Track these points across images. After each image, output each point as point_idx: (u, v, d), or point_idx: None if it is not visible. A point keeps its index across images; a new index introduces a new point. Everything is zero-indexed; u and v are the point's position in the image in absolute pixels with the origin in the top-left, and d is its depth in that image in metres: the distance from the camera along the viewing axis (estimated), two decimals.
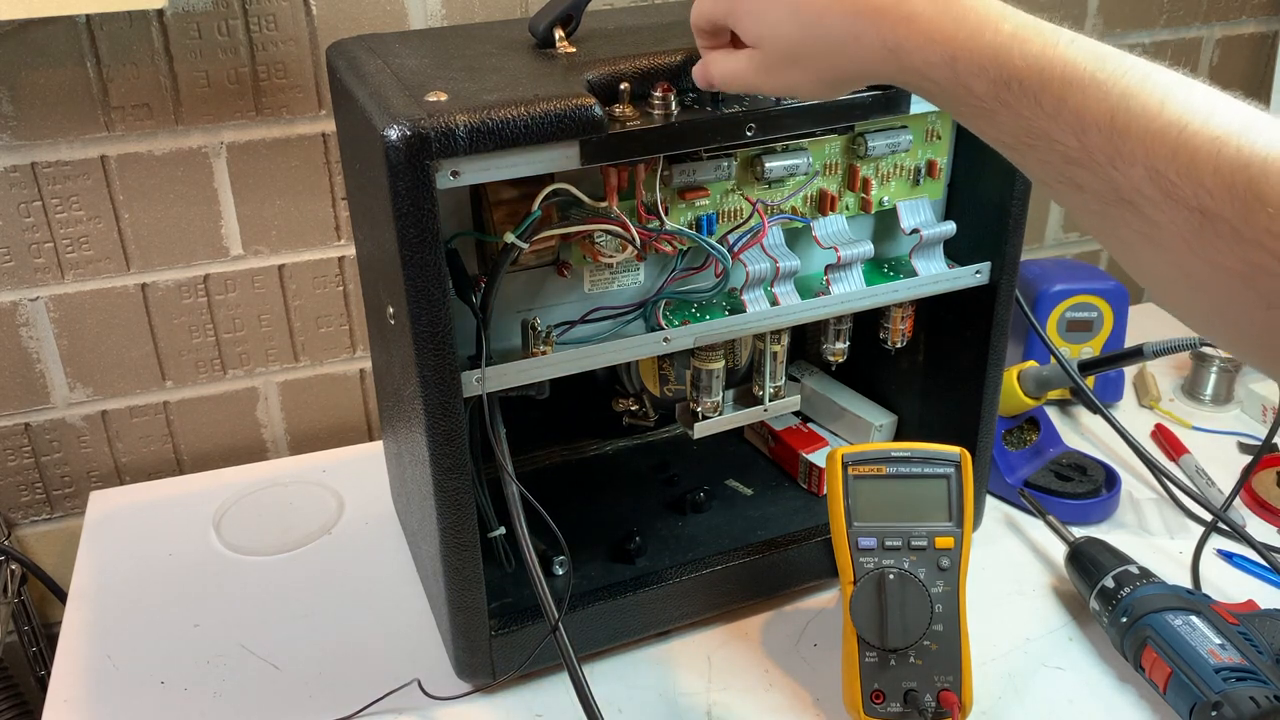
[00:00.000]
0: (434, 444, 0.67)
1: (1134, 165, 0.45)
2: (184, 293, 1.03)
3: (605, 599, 0.79)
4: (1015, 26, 0.50)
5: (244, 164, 1.00)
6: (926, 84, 0.53)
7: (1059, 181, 0.49)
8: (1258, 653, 0.73)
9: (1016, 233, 0.79)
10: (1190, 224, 0.44)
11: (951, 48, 0.51)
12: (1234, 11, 1.31)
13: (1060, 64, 0.48)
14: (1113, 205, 0.47)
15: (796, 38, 0.57)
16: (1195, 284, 0.46)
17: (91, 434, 1.06)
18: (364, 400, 1.14)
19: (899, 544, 0.75)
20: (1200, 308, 0.48)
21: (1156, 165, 0.45)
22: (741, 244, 0.74)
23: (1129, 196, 0.46)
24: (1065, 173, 0.49)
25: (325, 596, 0.89)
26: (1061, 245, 1.38)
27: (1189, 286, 0.47)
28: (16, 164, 0.93)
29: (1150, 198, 0.45)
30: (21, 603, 1.04)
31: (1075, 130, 0.47)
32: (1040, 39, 0.49)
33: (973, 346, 0.84)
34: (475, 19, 1.01)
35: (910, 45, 0.52)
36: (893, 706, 0.73)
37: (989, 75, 0.50)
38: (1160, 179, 0.45)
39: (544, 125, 0.61)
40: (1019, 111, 0.49)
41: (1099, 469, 0.99)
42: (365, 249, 0.79)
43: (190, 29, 0.93)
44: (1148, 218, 0.46)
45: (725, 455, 0.99)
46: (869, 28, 0.54)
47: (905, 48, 0.53)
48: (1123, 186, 0.46)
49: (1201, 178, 0.43)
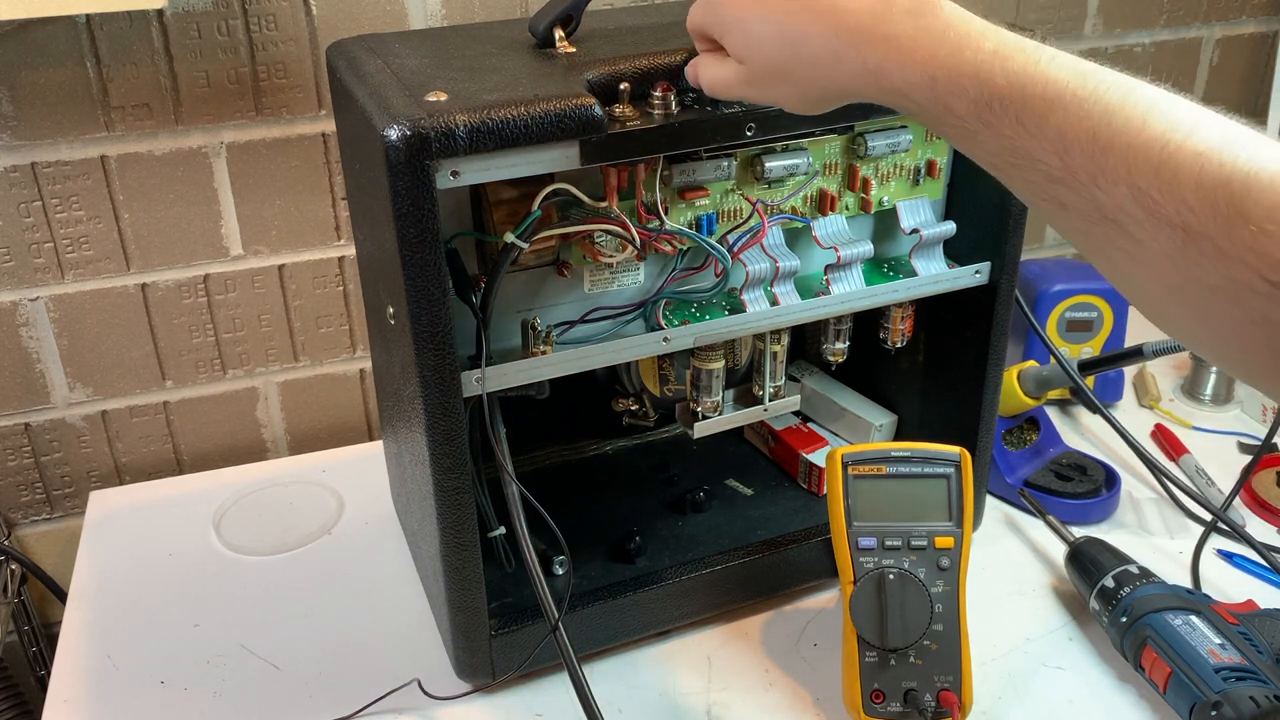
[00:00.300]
0: (434, 444, 0.67)
1: (1117, 184, 0.45)
2: (184, 293, 1.03)
3: (605, 599, 0.79)
4: (997, 45, 0.50)
5: (244, 164, 1.00)
6: (908, 104, 0.53)
7: (1044, 200, 0.49)
8: (1258, 653, 0.73)
9: (1016, 233, 0.79)
10: (1174, 242, 0.44)
11: (931, 67, 0.51)
12: (1234, 11, 1.31)
13: (1042, 82, 0.47)
14: (1097, 224, 0.47)
15: (780, 56, 0.57)
16: (1180, 301, 0.46)
17: (91, 434, 1.06)
18: (364, 400, 1.14)
19: (899, 544, 0.75)
20: (1186, 323, 0.48)
21: (1139, 183, 0.44)
22: (741, 244, 0.74)
23: (1112, 215, 0.46)
24: (1049, 191, 0.48)
25: (325, 596, 0.89)
26: (1061, 245, 1.38)
27: (1174, 303, 0.46)
28: (16, 164, 0.93)
29: (1133, 216, 0.45)
30: (21, 603, 1.04)
31: (1058, 149, 0.47)
32: (1022, 57, 0.49)
33: (973, 346, 0.84)
34: (475, 19, 1.01)
35: (890, 65, 0.52)
36: (893, 706, 0.73)
37: (970, 95, 0.49)
38: (1143, 197, 0.44)
39: (544, 125, 0.61)
40: (1001, 131, 0.49)
41: (1099, 469, 0.99)
42: (365, 249, 0.79)
43: (190, 29, 0.93)
44: (1131, 236, 0.45)
45: (725, 455, 0.99)
46: (849, 48, 0.54)
47: (885, 68, 0.52)
48: (1106, 205, 0.46)
49: (1184, 195, 0.43)
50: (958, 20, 0.51)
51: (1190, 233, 0.43)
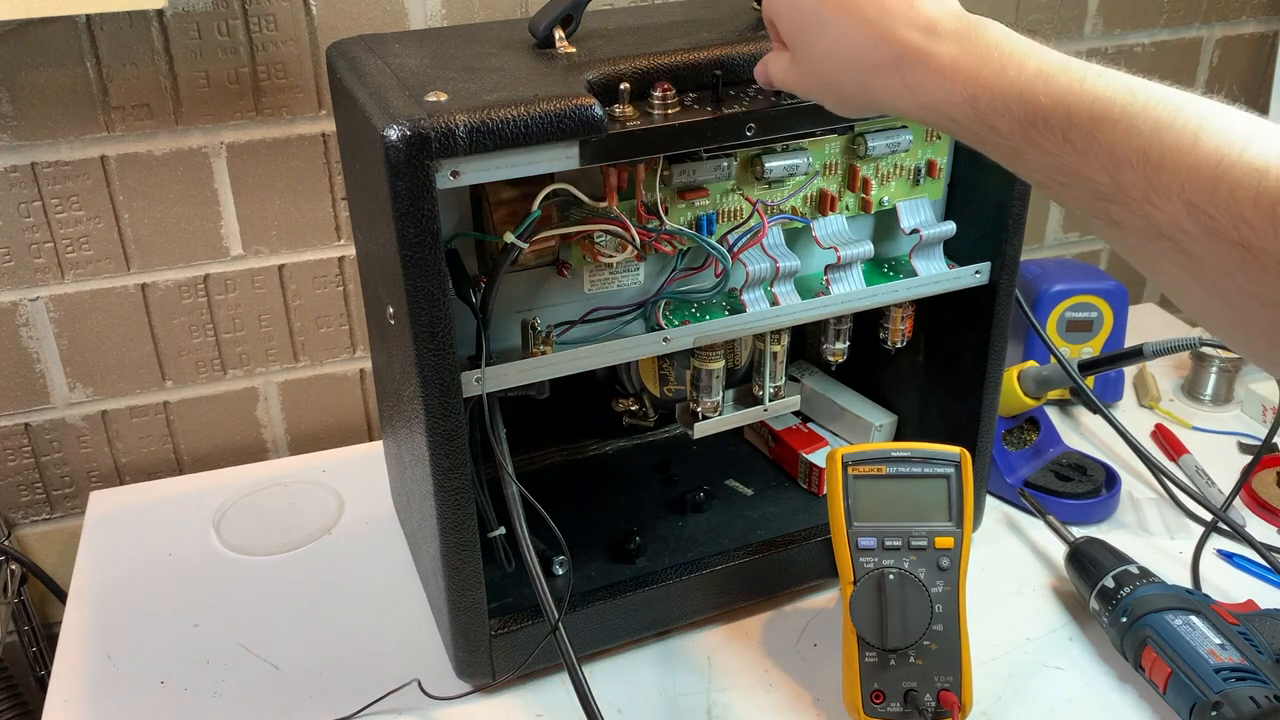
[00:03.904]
0: (434, 444, 0.67)
1: (1170, 200, 0.44)
2: (184, 293, 1.03)
3: (605, 599, 0.79)
4: (1040, 64, 0.49)
5: (244, 164, 1.00)
6: (948, 123, 0.52)
7: (1096, 217, 0.48)
8: (1258, 653, 0.73)
9: (1016, 233, 0.79)
10: (1232, 258, 0.43)
11: (972, 88, 0.50)
12: (1234, 11, 1.31)
13: (1088, 99, 0.47)
14: (1151, 240, 0.46)
15: (819, 56, 0.57)
16: (1240, 316, 0.45)
17: (91, 434, 1.06)
18: (364, 400, 1.14)
19: (899, 544, 0.75)
20: (1246, 338, 0.47)
21: (1194, 199, 0.43)
22: (741, 244, 0.74)
23: (1167, 232, 0.45)
24: (1101, 209, 0.47)
25: (325, 596, 0.89)
26: (1061, 245, 1.38)
27: (1234, 319, 0.46)
28: (16, 164, 0.93)
29: (1189, 232, 0.44)
30: (21, 603, 1.04)
31: (1107, 167, 0.46)
32: (1066, 75, 0.48)
33: (973, 346, 0.84)
34: (475, 19, 1.01)
35: (929, 84, 0.52)
36: (893, 706, 0.73)
37: (1013, 114, 0.49)
38: (1198, 213, 0.43)
39: (544, 125, 0.61)
40: (1047, 150, 0.48)
41: (1099, 469, 0.99)
42: (365, 249, 0.79)
43: (190, 29, 0.93)
44: (1188, 252, 0.45)
45: (725, 455, 0.99)
46: (888, 62, 0.53)
47: (924, 86, 0.52)
48: (1160, 222, 0.45)
49: (1242, 211, 0.42)
50: (1002, 40, 0.51)
51: (1249, 249, 0.42)
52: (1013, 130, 0.49)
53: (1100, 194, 0.47)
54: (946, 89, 0.51)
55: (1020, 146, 0.49)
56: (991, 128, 0.50)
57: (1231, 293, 0.44)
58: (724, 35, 0.72)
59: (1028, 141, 0.49)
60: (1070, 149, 0.47)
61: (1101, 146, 0.46)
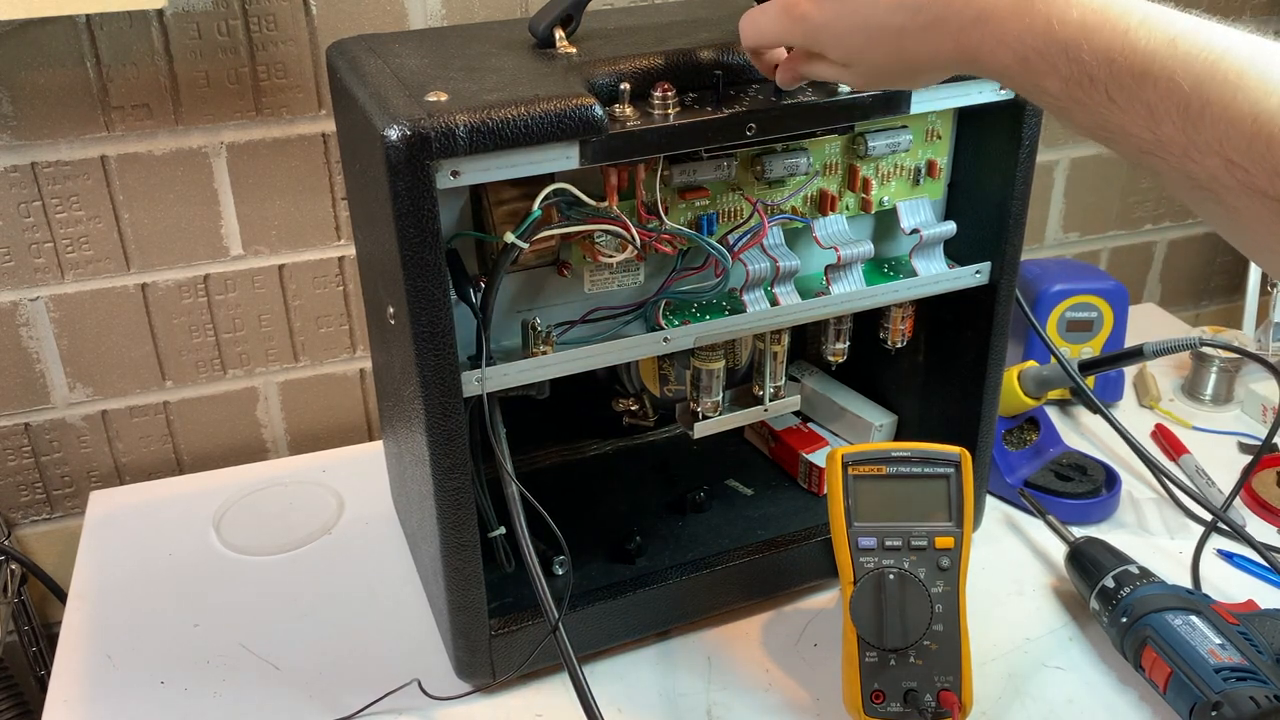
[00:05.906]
0: (434, 444, 0.67)
1: (1208, 155, 0.45)
2: (184, 293, 1.03)
3: (605, 599, 0.79)
4: (1083, 13, 0.48)
5: (244, 164, 1.00)
6: (1008, 84, 0.53)
7: (1140, 167, 0.49)
8: (1258, 653, 0.73)
9: (1016, 233, 0.79)
10: (1269, 210, 0.43)
11: (1022, 49, 0.50)
12: (1234, 11, 1.31)
13: (1129, 53, 0.47)
14: (1191, 190, 0.47)
15: (880, 60, 0.57)
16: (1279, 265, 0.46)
17: (91, 434, 1.06)
18: (364, 400, 1.14)
19: (899, 544, 0.75)
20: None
21: (1230, 155, 0.44)
22: (741, 244, 0.74)
23: (1205, 184, 0.46)
24: (1143, 161, 0.48)
25: (325, 596, 0.89)
26: (1061, 245, 1.38)
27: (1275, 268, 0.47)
28: (16, 164, 0.93)
29: (1227, 185, 0.44)
30: (21, 603, 1.04)
31: (1149, 124, 0.46)
32: (1109, 28, 0.48)
33: (973, 346, 0.84)
34: (475, 19, 1.01)
35: (984, 51, 0.52)
36: (893, 706, 0.73)
37: (1061, 73, 0.49)
38: (1235, 169, 0.44)
39: (544, 125, 0.61)
40: (1093, 109, 0.48)
41: (1099, 469, 0.99)
42: (365, 249, 0.79)
43: (190, 29, 0.93)
44: (1226, 204, 0.45)
45: (725, 455, 0.99)
46: (945, 40, 0.53)
47: (980, 54, 0.52)
48: (1199, 175, 0.45)
49: (1277, 165, 0.42)
50: None
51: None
52: (1061, 90, 0.49)
53: (1142, 148, 0.47)
54: (999, 54, 0.51)
55: (1068, 105, 0.50)
56: (1042, 89, 0.50)
57: (1271, 242, 0.44)
58: (724, 35, 0.72)
59: (1074, 101, 0.49)
60: (1114, 107, 0.48)
61: (1142, 104, 0.46)
